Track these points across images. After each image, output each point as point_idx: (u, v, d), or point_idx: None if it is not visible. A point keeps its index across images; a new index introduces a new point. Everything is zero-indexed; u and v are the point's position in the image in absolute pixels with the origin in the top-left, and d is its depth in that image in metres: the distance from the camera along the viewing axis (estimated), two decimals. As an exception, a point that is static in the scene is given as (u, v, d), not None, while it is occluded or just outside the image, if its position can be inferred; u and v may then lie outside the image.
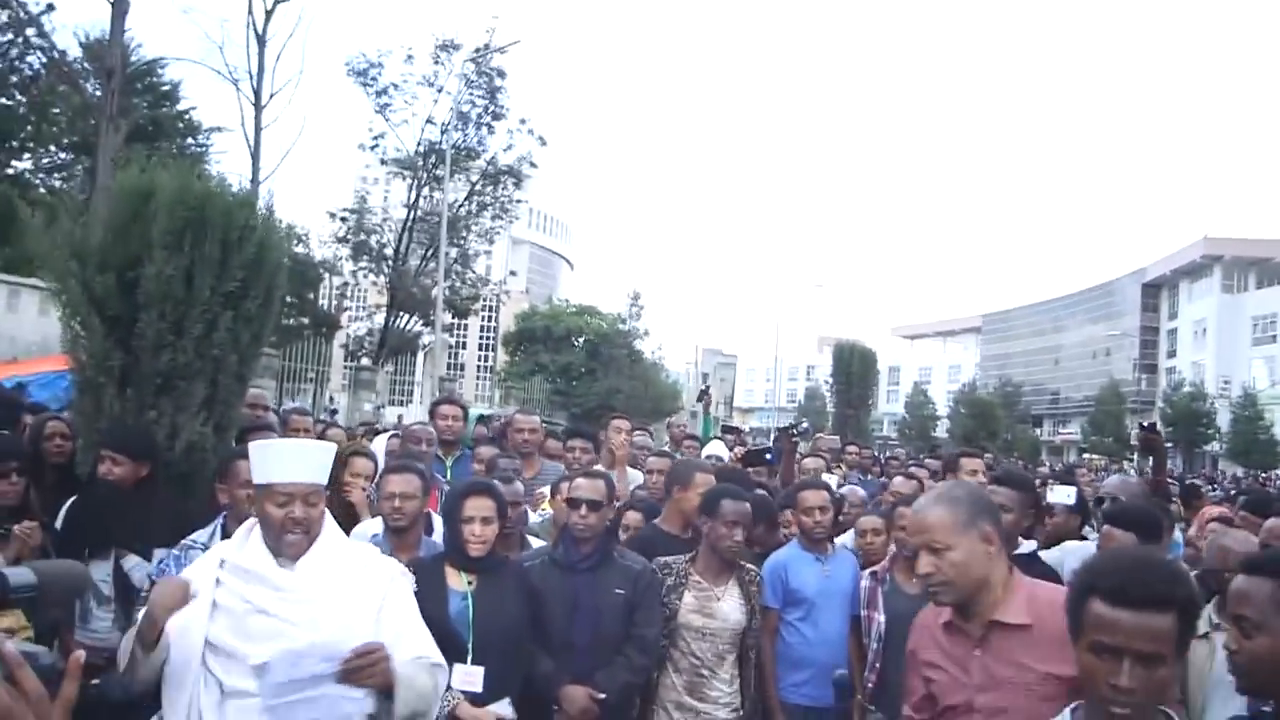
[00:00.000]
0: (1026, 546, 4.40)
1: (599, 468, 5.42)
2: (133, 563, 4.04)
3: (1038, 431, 70.95)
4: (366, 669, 2.74)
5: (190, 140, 30.63)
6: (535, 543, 4.88)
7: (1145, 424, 6.16)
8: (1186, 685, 3.76)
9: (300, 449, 3.01)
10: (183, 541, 3.82)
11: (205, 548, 3.73)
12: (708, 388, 10.73)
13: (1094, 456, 40.69)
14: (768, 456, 6.99)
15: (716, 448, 7.55)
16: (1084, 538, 5.25)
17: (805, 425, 7.75)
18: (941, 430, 58.11)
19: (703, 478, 4.98)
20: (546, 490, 5.79)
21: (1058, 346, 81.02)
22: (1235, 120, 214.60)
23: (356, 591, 2.92)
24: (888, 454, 14.38)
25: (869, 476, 9.35)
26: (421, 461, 5.24)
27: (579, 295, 72.85)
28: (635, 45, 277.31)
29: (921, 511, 2.80)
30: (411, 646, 2.95)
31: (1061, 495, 5.10)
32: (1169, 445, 54.55)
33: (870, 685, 4.75)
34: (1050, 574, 4.22)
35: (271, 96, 24.06)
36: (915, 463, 9.45)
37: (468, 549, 3.88)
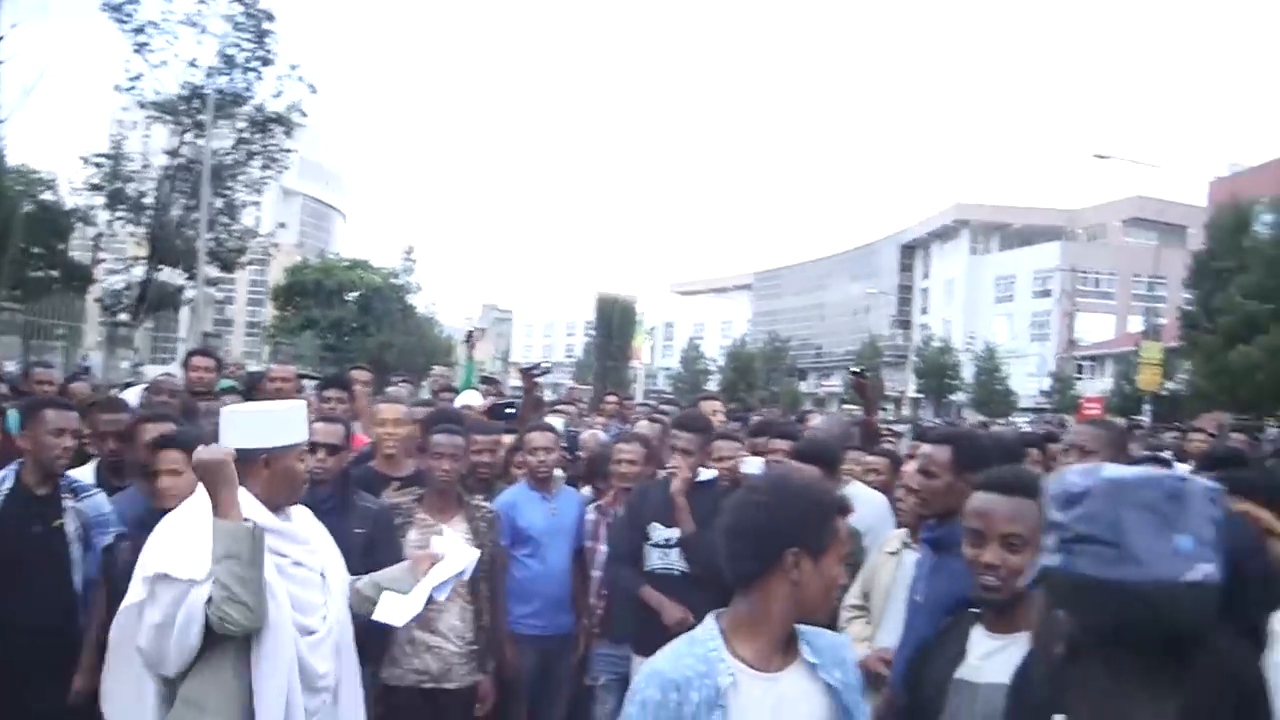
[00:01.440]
0: (705, 474, 4.85)
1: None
2: None
3: (802, 384, 74.15)
4: None
5: (-88, 72, 27.95)
6: None
7: (855, 369, 6.70)
8: (873, 596, 4.28)
9: (303, 408, 3.23)
10: None
11: None
12: (473, 331, 10.76)
13: (852, 406, 42.90)
14: (509, 411, 7.10)
15: (471, 397, 7.66)
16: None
17: (547, 366, 7.97)
18: (714, 384, 60.04)
19: (388, 409, 5.45)
20: None
21: (822, 304, 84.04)
22: (985, 97, 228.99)
23: (320, 529, 3.28)
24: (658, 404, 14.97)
25: (627, 425, 9.80)
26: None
27: (353, 249, 71.06)
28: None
29: None
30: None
31: (751, 467, 5.23)
32: (919, 396, 58.40)
33: (600, 612, 5.11)
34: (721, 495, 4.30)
35: (13, 28, 22.24)
36: (659, 410, 9.99)
37: None
